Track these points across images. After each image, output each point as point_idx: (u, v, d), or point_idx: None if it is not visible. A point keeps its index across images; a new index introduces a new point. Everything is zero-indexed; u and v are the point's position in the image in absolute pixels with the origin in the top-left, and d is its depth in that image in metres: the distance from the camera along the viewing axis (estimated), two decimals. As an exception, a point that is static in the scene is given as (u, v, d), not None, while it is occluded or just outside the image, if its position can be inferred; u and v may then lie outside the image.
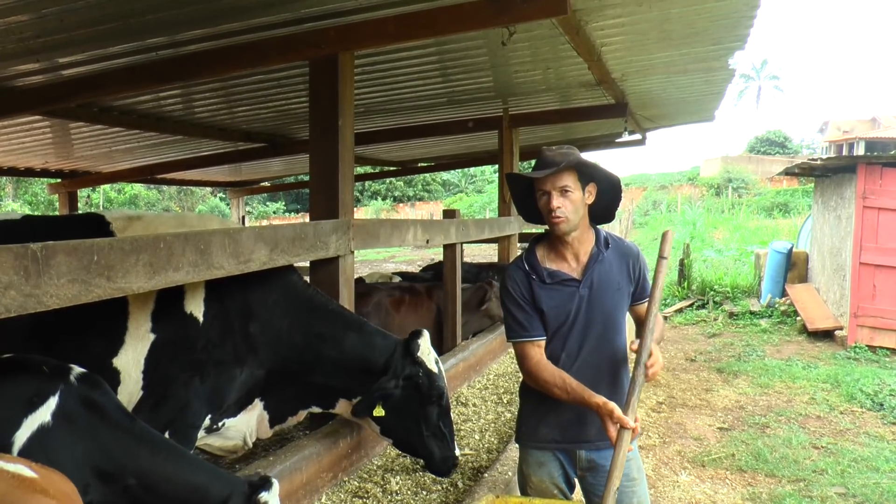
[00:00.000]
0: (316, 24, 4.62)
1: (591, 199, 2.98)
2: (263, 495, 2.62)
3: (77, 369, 2.62)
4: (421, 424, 3.89)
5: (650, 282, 3.10)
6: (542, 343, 2.99)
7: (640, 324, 3.06)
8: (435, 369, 3.97)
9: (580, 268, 3.00)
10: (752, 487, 5.61)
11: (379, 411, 3.79)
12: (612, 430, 2.73)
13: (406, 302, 6.75)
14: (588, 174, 2.94)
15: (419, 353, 3.92)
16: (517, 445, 3.29)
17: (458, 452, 4.06)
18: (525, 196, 3.09)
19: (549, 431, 3.03)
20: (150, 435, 2.66)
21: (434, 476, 4.14)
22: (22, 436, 2.38)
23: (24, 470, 1.71)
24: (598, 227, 3.11)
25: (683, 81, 8.14)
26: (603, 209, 3.07)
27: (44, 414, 2.43)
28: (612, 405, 2.72)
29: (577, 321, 2.98)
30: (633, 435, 2.75)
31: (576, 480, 3.16)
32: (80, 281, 2.36)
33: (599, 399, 2.77)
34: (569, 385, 2.84)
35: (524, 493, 3.19)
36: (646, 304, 3.00)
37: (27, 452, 2.34)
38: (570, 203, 2.89)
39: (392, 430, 3.94)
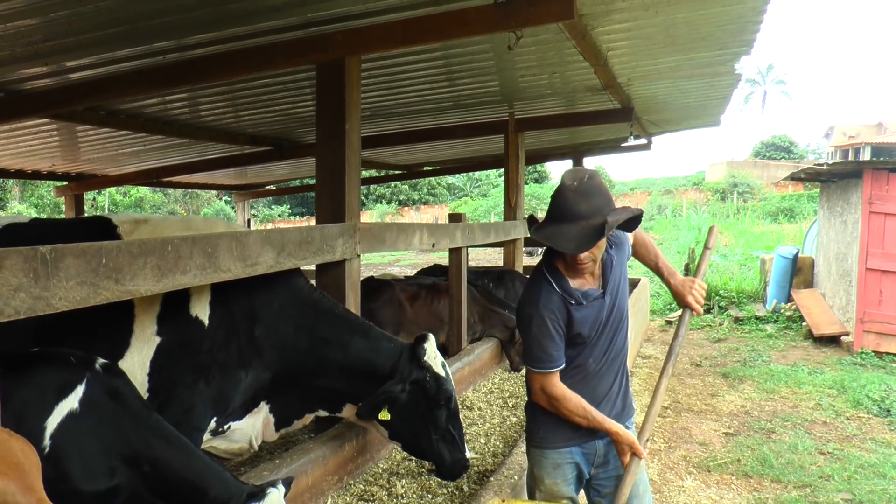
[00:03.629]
0: (323, 28, 4.63)
1: (611, 232, 2.89)
2: None
3: (101, 360, 2.70)
4: (429, 428, 3.90)
5: (627, 236, 3.20)
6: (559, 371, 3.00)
7: (636, 247, 3.31)
8: (442, 373, 3.97)
9: (598, 278, 3.02)
10: (757, 493, 5.60)
11: (385, 415, 3.79)
12: (626, 458, 2.91)
13: (422, 297, 6.88)
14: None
15: (426, 358, 3.92)
16: (523, 449, 3.29)
17: (468, 455, 4.08)
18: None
19: (570, 429, 3.04)
20: (166, 427, 2.73)
21: (440, 479, 4.15)
22: (53, 421, 2.49)
23: None
24: None
25: (689, 86, 8.14)
26: (624, 227, 2.99)
27: (72, 401, 2.53)
28: (631, 437, 2.89)
29: (606, 327, 3.03)
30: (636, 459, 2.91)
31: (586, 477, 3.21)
32: (89, 283, 2.37)
33: (618, 427, 2.91)
34: (590, 414, 2.94)
35: (532, 496, 3.20)
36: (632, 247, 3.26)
37: (58, 437, 2.47)
38: (598, 249, 2.85)
39: (401, 435, 3.95)
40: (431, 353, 3.97)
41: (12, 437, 1.71)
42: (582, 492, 3.25)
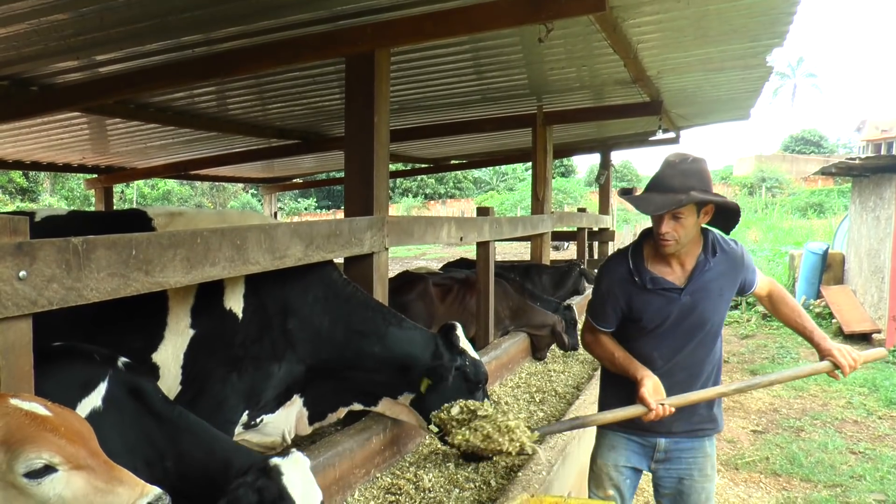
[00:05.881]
0: (352, 21, 4.62)
1: (706, 219, 2.93)
2: (274, 460, 2.65)
3: (122, 358, 2.69)
4: None
5: (756, 270, 3.16)
6: (607, 332, 3.15)
7: (774, 304, 3.25)
8: (477, 356, 4.04)
9: (684, 276, 2.99)
10: (786, 492, 5.54)
11: (424, 385, 3.85)
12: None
13: (455, 291, 6.92)
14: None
15: (461, 345, 3.98)
16: (551, 444, 3.30)
17: None
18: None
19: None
20: (187, 417, 2.71)
21: (467, 475, 4.15)
22: None
23: (37, 408, 1.72)
24: (706, 229, 3.05)
25: (719, 79, 8.05)
26: (720, 225, 3.04)
27: (95, 399, 2.51)
28: (646, 387, 2.89)
29: (677, 326, 3.00)
30: (649, 416, 2.90)
31: (646, 471, 3.22)
32: (120, 275, 2.38)
33: (642, 374, 2.94)
34: (617, 360, 3.06)
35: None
36: (757, 288, 3.18)
37: None
38: (682, 228, 2.85)
39: None
40: (464, 340, 4.03)
41: (65, 409, 1.83)
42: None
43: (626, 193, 3.09)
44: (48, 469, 1.64)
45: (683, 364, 3.03)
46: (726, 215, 2.98)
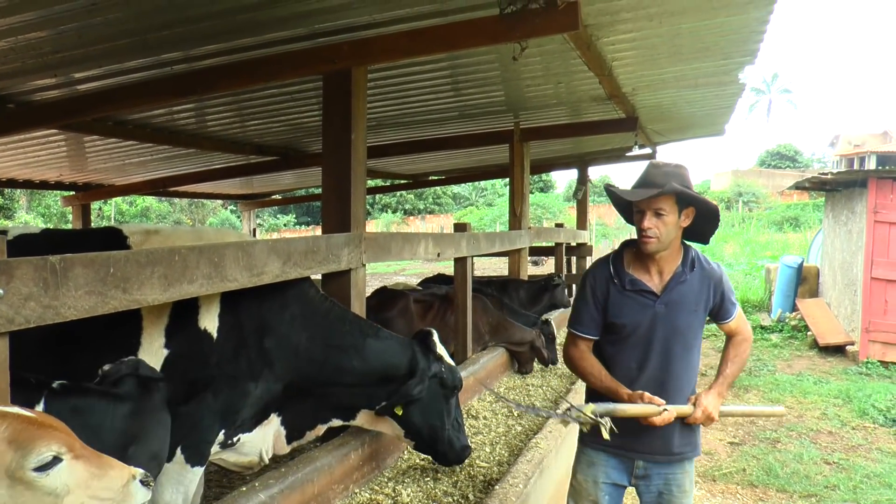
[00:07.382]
0: (329, 39, 4.67)
1: (686, 222, 3.02)
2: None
3: (58, 381, 2.71)
4: (444, 418, 3.99)
5: (733, 300, 3.20)
6: (591, 341, 3.18)
7: (730, 343, 3.26)
8: (452, 361, 4.09)
9: (661, 284, 3.07)
10: (763, 502, 5.60)
11: (399, 409, 3.85)
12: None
13: (436, 307, 6.94)
14: (687, 199, 2.98)
15: (438, 350, 4.01)
16: (528, 458, 3.32)
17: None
18: (627, 203, 3.12)
19: (612, 435, 3.06)
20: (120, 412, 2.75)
21: (445, 490, 4.17)
22: None
23: (28, 413, 1.84)
24: (688, 245, 3.16)
25: (694, 96, 8.17)
26: (699, 232, 3.12)
27: None
28: (643, 393, 2.96)
29: (650, 335, 3.07)
30: (657, 418, 2.92)
31: (628, 487, 3.26)
32: (97, 293, 2.39)
33: (627, 392, 3.00)
34: (604, 378, 3.08)
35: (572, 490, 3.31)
36: (731, 323, 3.19)
37: None
38: (664, 225, 2.94)
39: (419, 431, 3.98)
40: (439, 346, 4.08)
41: (41, 412, 1.96)
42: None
43: (611, 186, 3.18)
44: (55, 460, 1.77)
45: (658, 376, 3.07)
46: (705, 224, 3.07)
